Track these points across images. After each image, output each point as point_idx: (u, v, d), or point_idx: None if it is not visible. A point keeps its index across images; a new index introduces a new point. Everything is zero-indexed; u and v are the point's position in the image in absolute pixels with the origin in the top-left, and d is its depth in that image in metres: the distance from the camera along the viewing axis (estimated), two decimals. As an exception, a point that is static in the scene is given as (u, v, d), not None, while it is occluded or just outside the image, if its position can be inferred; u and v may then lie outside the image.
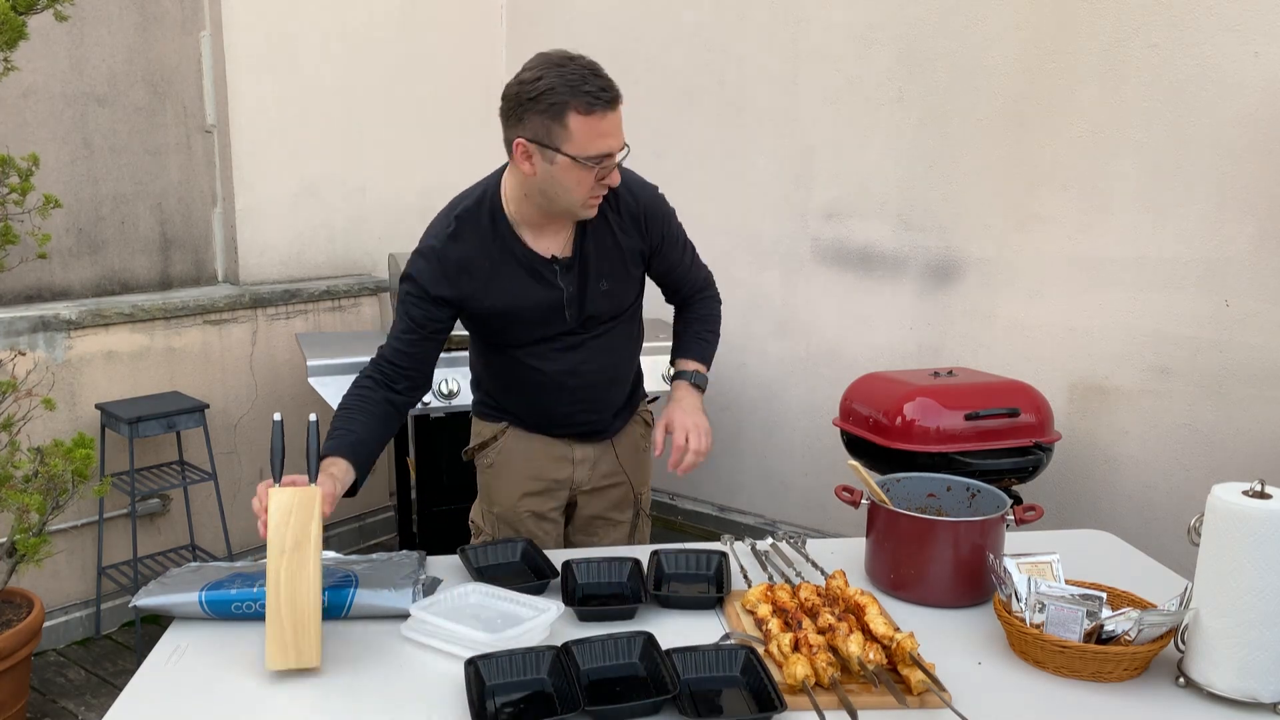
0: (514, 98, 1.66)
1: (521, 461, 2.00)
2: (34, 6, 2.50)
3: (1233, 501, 1.32)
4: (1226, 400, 2.83)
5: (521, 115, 1.66)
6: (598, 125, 1.64)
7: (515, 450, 2.00)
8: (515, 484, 2.01)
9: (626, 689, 1.34)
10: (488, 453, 2.03)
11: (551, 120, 1.63)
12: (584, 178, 1.68)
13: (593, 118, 1.63)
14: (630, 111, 4.18)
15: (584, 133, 1.63)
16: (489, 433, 2.03)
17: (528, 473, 2.00)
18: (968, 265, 3.31)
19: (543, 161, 1.67)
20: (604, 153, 1.66)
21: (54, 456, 2.60)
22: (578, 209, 1.74)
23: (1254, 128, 2.71)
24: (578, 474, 2.02)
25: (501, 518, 2.02)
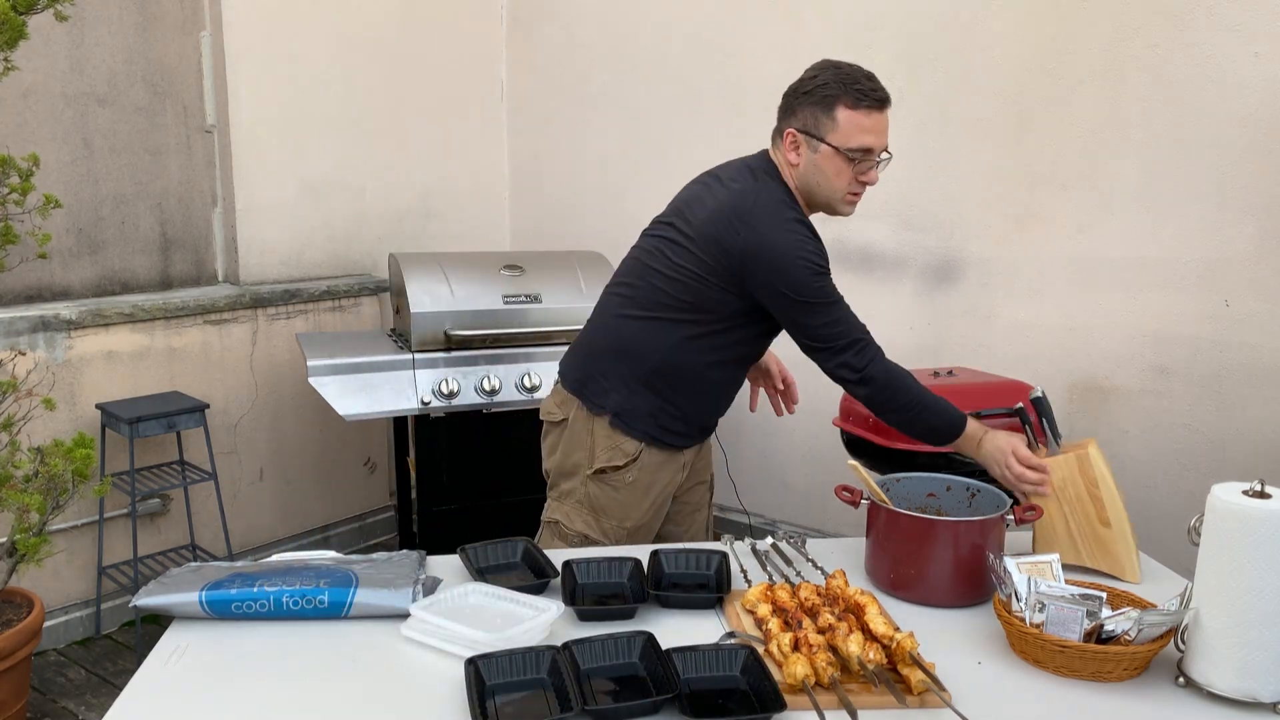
0: (792, 92, 1.88)
1: (653, 475, 2.04)
2: (34, 6, 2.50)
3: (1233, 501, 1.32)
4: (1226, 400, 2.83)
5: (795, 107, 1.86)
6: (863, 120, 1.79)
7: (652, 464, 2.04)
8: (651, 498, 2.06)
9: (626, 689, 1.34)
10: (628, 471, 2.02)
11: (821, 111, 1.81)
12: (844, 169, 1.83)
13: (859, 113, 1.79)
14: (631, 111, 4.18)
15: (849, 125, 1.79)
16: (631, 449, 2.01)
17: (660, 485, 2.06)
18: (968, 265, 3.31)
19: (808, 150, 1.84)
20: (865, 147, 1.80)
21: (54, 456, 2.60)
22: (837, 202, 1.88)
23: (1254, 128, 2.71)
24: (681, 475, 2.12)
25: (635, 532, 2.06)
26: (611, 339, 2.03)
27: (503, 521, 3.34)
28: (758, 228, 1.83)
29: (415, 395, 3.16)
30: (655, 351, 1.97)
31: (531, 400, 3.26)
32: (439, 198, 4.31)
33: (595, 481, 2.03)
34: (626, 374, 1.99)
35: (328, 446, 3.88)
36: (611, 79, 4.13)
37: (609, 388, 2.01)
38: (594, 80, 4.18)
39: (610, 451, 2.00)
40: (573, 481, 2.06)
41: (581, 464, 2.04)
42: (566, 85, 4.29)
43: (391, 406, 3.14)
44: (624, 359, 2.00)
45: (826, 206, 1.91)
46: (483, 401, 3.22)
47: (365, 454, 4.06)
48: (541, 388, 3.28)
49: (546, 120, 4.39)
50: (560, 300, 3.38)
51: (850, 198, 1.88)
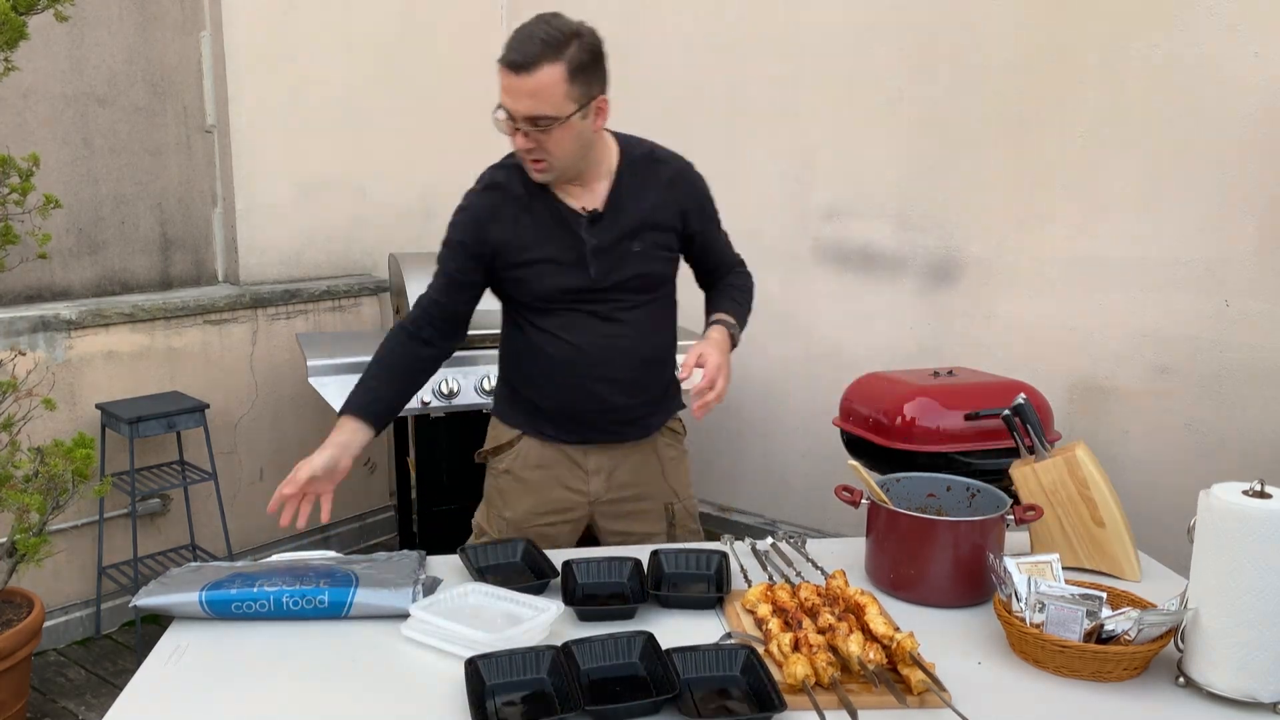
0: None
1: (537, 468, 1.97)
2: (34, 6, 2.50)
3: (1232, 501, 1.32)
4: (1226, 400, 2.83)
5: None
6: (503, 80, 1.69)
7: (532, 455, 1.97)
8: (531, 491, 1.98)
9: (626, 689, 1.34)
10: (503, 457, 2.00)
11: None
12: (507, 131, 1.74)
13: (501, 70, 1.69)
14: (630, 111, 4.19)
15: (501, 85, 1.70)
16: (506, 436, 2.00)
17: (544, 480, 1.98)
18: (968, 265, 3.31)
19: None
20: (503, 106, 1.71)
21: (54, 456, 2.60)
22: (524, 164, 1.81)
23: (1254, 128, 2.71)
24: (592, 485, 1.98)
25: (513, 524, 1.98)
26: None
27: (503, 521, 3.34)
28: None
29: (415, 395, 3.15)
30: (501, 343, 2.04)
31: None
32: (439, 198, 4.31)
33: (488, 470, 2.06)
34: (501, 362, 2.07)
35: (328, 446, 3.88)
36: (611, 79, 4.12)
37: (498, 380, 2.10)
38: (594, 80, 4.18)
39: (493, 438, 2.04)
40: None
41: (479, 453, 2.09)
42: (566, 85, 4.28)
43: (391, 406, 3.13)
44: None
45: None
46: (483, 401, 3.22)
47: (365, 454, 4.05)
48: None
49: (546, 120, 4.38)
50: (560, 300, 3.38)
51: (524, 160, 1.79)
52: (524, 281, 1.87)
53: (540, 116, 1.69)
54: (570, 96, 1.71)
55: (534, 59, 1.66)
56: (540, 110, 1.69)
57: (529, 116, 1.70)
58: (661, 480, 2.05)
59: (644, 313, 1.93)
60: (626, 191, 1.89)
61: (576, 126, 1.74)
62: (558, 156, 1.76)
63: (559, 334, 1.89)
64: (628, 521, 2.02)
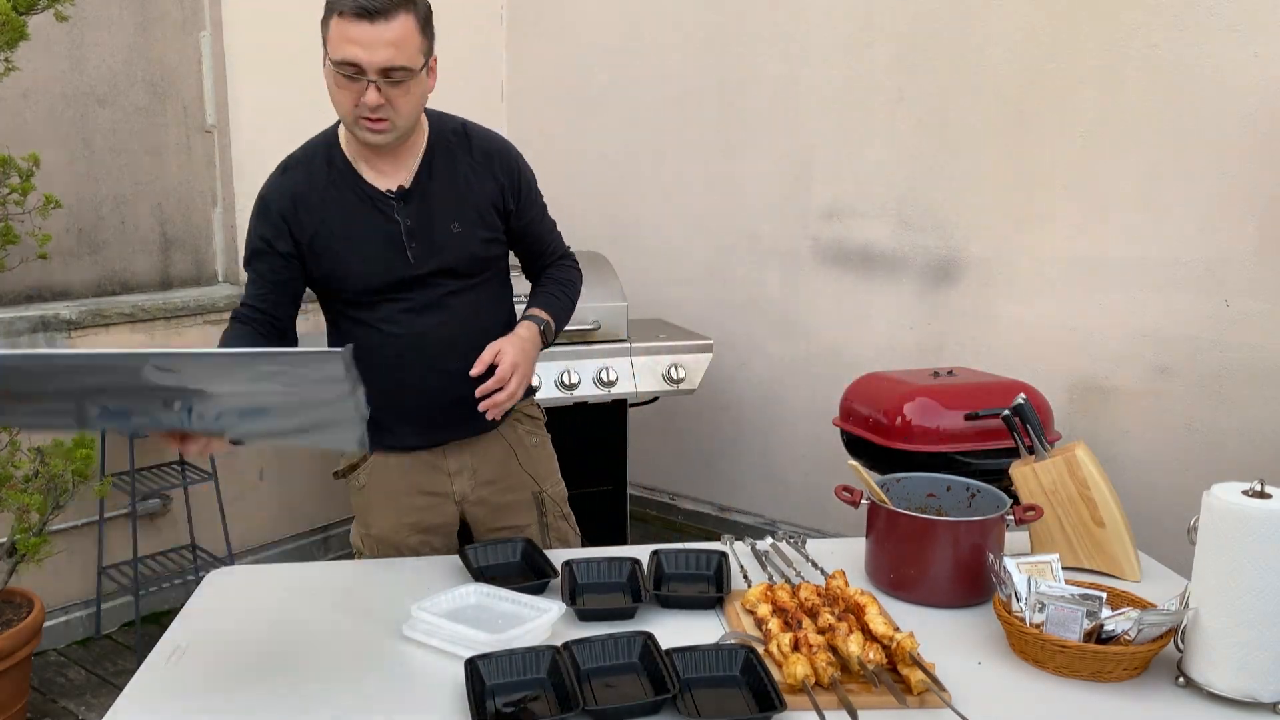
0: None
1: (396, 477, 1.89)
2: (34, 6, 2.50)
3: (1232, 501, 1.32)
4: (1226, 400, 2.83)
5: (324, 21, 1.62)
6: (349, 30, 1.56)
7: (388, 467, 1.89)
8: (392, 502, 1.89)
9: (626, 689, 1.34)
10: (358, 473, 1.92)
11: (324, 24, 1.60)
12: (342, 88, 1.61)
13: (345, 22, 1.56)
14: (631, 111, 4.18)
15: (336, 36, 1.57)
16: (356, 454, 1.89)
17: (407, 489, 1.89)
18: (968, 265, 3.31)
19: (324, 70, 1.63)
20: (349, 60, 1.57)
21: (54, 456, 2.60)
22: (351, 125, 1.67)
23: (1254, 128, 2.71)
24: (457, 486, 1.91)
25: (381, 539, 1.90)
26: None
27: (503, 521, 3.34)
28: None
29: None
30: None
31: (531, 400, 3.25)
32: (439, 198, 4.31)
33: (346, 488, 1.98)
34: None
35: (328, 446, 3.88)
36: (611, 79, 4.13)
37: None
38: (594, 80, 4.18)
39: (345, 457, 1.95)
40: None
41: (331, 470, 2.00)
42: (566, 85, 4.29)
43: (391, 406, 3.13)
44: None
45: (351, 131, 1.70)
46: (483, 401, 3.21)
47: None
48: (541, 388, 3.27)
49: (546, 120, 4.39)
50: (560, 300, 3.38)
51: (363, 122, 1.63)
52: (338, 271, 1.76)
53: (396, 68, 1.58)
54: (421, 49, 1.62)
55: (392, 6, 1.55)
56: (397, 61, 1.58)
57: (385, 68, 1.58)
58: (526, 468, 1.98)
59: (472, 295, 1.83)
60: (439, 168, 1.77)
61: (423, 83, 1.66)
62: (404, 115, 1.65)
63: (382, 327, 1.78)
64: (497, 516, 1.96)
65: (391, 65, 1.58)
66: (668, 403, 3.98)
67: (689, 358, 3.37)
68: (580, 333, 3.38)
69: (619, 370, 3.36)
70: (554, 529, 2.02)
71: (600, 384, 3.36)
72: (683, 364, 3.35)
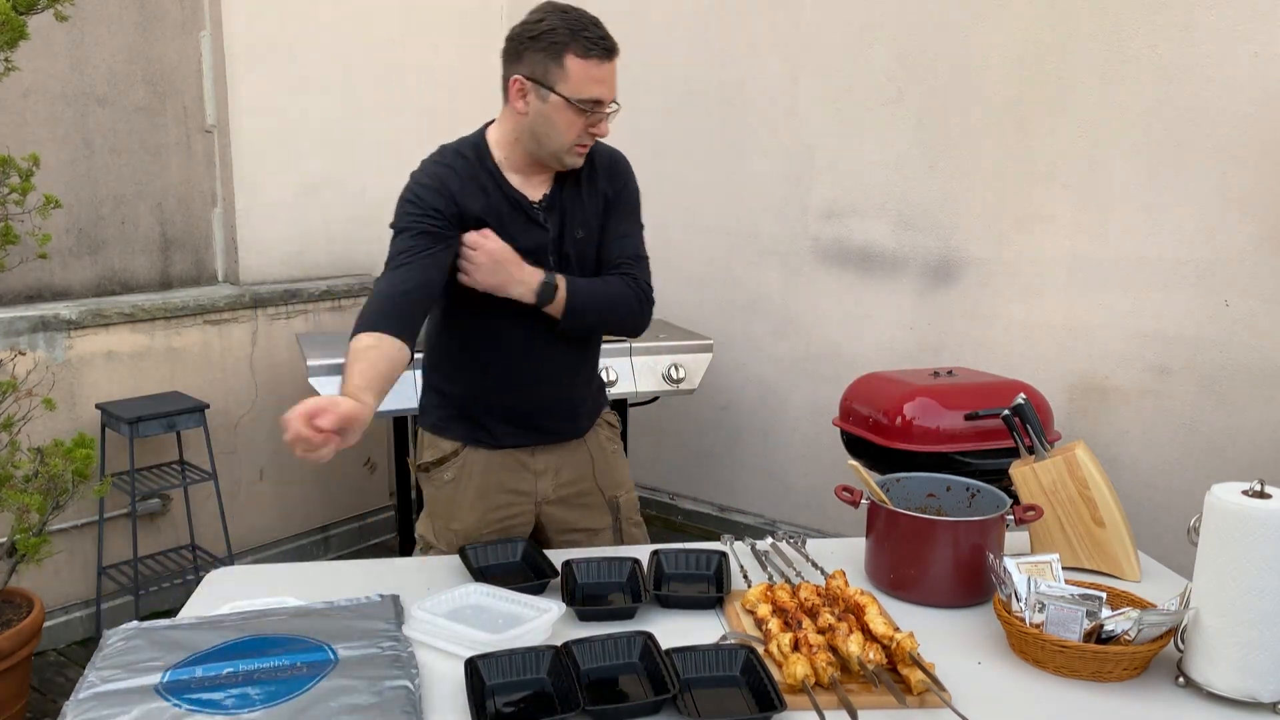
0: (516, 38, 1.73)
1: (482, 475, 1.92)
2: (34, 6, 2.50)
3: (1233, 501, 1.32)
4: (1226, 400, 2.83)
5: (521, 53, 1.72)
6: (593, 71, 1.69)
7: (475, 463, 1.92)
8: (480, 499, 1.92)
9: (626, 689, 1.34)
10: (448, 467, 1.94)
11: (550, 60, 1.69)
12: (574, 121, 1.72)
13: (589, 62, 1.68)
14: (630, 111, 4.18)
15: (579, 75, 1.69)
16: (447, 447, 1.94)
17: (490, 486, 1.93)
18: (968, 265, 3.31)
19: (536, 100, 1.72)
20: (596, 98, 1.71)
21: (54, 456, 2.60)
22: (564, 154, 1.77)
23: (1254, 128, 2.71)
24: (540, 485, 1.95)
25: (462, 535, 1.93)
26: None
27: (503, 521, 3.34)
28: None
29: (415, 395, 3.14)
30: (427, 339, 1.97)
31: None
32: (439, 198, 4.31)
33: (426, 480, 2.00)
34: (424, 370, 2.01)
35: (328, 446, 3.88)
36: (611, 79, 4.13)
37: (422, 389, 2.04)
38: (594, 80, 4.18)
39: (431, 448, 1.97)
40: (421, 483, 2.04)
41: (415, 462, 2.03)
42: (566, 85, 4.28)
43: (391, 406, 3.13)
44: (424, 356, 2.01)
45: (554, 158, 1.78)
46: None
47: (365, 454, 4.06)
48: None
49: (546, 120, 4.38)
50: (560, 300, 3.38)
51: (579, 149, 1.77)
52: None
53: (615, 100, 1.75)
54: None
55: (616, 46, 1.73)
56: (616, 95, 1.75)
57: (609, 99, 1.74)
58: (605, 474, 2.02)
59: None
60: (570, 178, 1.86)
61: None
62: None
63: (500, 326, 1.83)
64: (575, 517, 2.00)
65: (615, 99, 1.75)
66: (668, 403, 3.98)
67: (689, 358, 3.38)
68: (580, 333, 3.37)
69: (619, 370, 3.36)
70: (628, 535, 2.06)
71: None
72: (683, 364, 3.35)
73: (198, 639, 1.42)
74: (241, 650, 1.39)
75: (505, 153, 1.82)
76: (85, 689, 1.29)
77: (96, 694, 1.28)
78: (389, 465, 4.13)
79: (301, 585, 1.68)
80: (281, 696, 1.27)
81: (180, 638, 1.43)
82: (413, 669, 1.36)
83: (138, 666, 1.35)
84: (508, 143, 1.81)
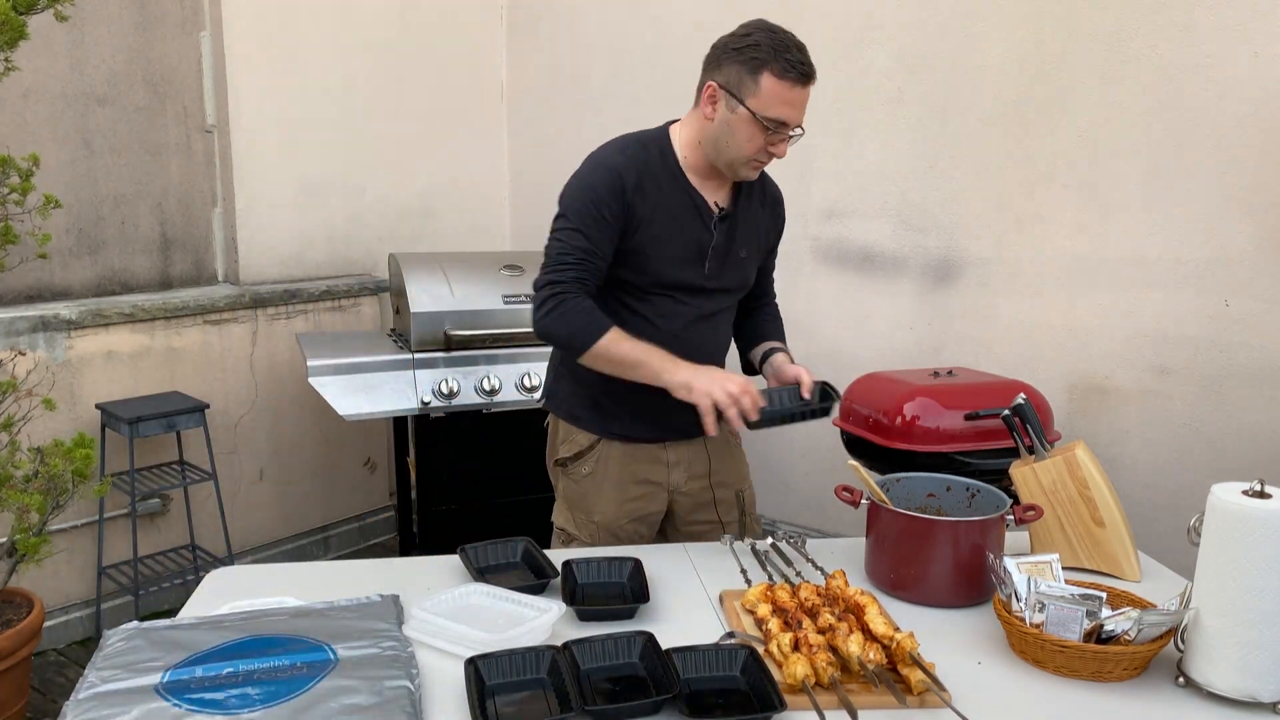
0: (721, 47, 1.80)
1: (619, 468, 1.99)
2: (34, 6, 2.50)
3: (1233, 501, 1.32)
4: (1226, 400, 2.83)
5: (721, 62, 1.78)
6: (786, 92, 1.74)
7: (612, 456, 1.99)
8: (616, 491, 1.99)
9: (626, 689, 1.34)
10: (583, 462, 2.01)
11: (747, 73, 1.74)
12: (756, 136, 1.77)
13: (784, 83, 1.73)
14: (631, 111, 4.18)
15: (772, 94, 1.74)
16: (584, 441, 2.00)
17: (627, 478, 1.99)
18: (968, 265, 3.31)
19: (725, 109, 1.78)
20: (782, 119, 1.76)
21: (54, 456, 2.60)
22: (739, 166, 1.83)
23: (1254, 128, 2.71)
24: (673, 477, 2.02)
25: (604, 526, 2.00)
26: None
27: (503, 521, 3.33)
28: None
29: (415, 395, 3.16)
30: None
31: (531, 400, 3.26)
32: (439, 198, 4.31)
33: (563, 475, 2.06)
34: (556, 356, 2.06)
35: (328, 446, 3.88)
36: (611, 79, 4.13)
37: (552, 375, 2.08)
38: (594, 80, 4.18)
39: (567, 443, 2.03)
40: (556, 479, 2.10)
41: (551, 457, 2.09)
42: (566, 85, 4.29)
43: (391, 406, 3.14)
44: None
45: (729, 168, 1.85)
46: (482, 401, 3.22)
47: (365, 454, 4.06)
48: (541, 388, 3.27)
49: (546, 120, 4.39)
50: (560, 300, 3.38)
51: (755, 164, 1.84)
52: (644, 258, 1.86)
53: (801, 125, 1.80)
54: None
55: (815, 74, 1.78)
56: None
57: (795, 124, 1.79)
58: (732, 469, 2.11)
59: (726, 314, 2.02)
60: (743, 199, 1.95)
61: None
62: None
63: (652, 321, 1.89)
64: (704, 509, 2.08)
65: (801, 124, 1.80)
66: (668, 403, 3.97)
67: (689, 358, 3.37)
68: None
69: (619, 370, 3.36)
70: (749, 529, 2.13)
71: (600, 384, 3.36)
72: (683, 364, 3.34)
73: (198, 639, 1.42)
74: (241, 650, 1.39)
75: (687, 153, 1.88)
76: (85, 689, 1.29)
77: (96, 694, 1.28)
78: (389, 465, 4.13)
79: (301, 585, 1.68)
80: (281, 696, 1.27)
81: (180, 638, 1.43)
82: (413, 669, 1.36)
83: (138, 666, 1.34)
84: (691, 144, 1.87)
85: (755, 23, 1.79)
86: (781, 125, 1.77)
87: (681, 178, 1.87)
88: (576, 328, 1.79)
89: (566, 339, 1.81)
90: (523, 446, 3.39)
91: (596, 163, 1.87)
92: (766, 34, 1.75)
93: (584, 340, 1.79)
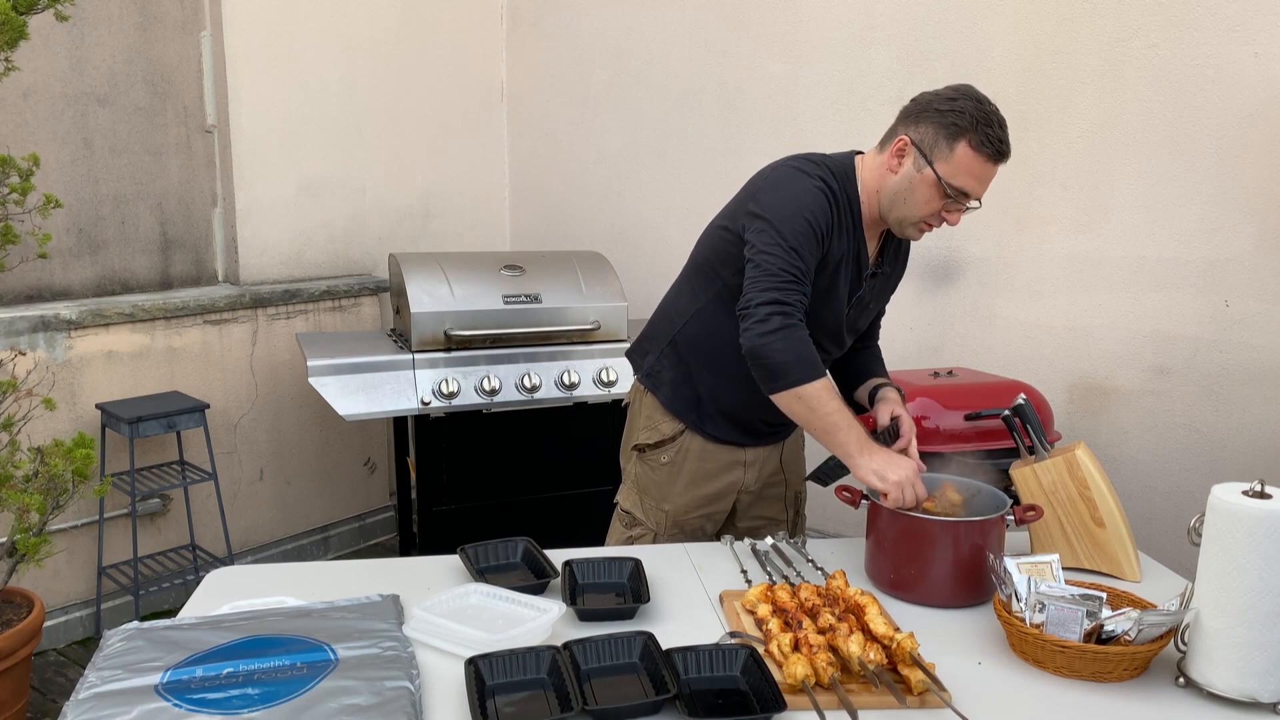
0: (925, 102, 1.78)
1: (697, 463, 2.02)
2: (34, 6, 2.50)
3: (1233, 501, 1.32)
4: (1226, 400, 2.83)
5: (921, 118, 1.76)
6: (977, 166, 1.72)
7: (692, 450, 2.01)
8: (691, 484, 2.02)
9: (626, 689, 1.34)
10: (663, 450, 2.03)
11: (944, 136, 1.73)
12: (934, 201, 1.76)
13: (978, 156, 1.72)
14: (631, 111, 4.17)
15: (963, 163, 1.72)
16: (669, 430, 2.02)
17: (704, 474, 2.02)
18: (967, 265, 3.31)
19: (911, 166, 1.77)
20: (965, 190, 1.75)
21: (54, 456, 2.60)
22: (907, 225, 1.82)
23: (1254, 128, 2.71)
24: (746, 476, 2.06)
25: (672, 516, 2.03)
26: (662, 301, 2.08)
27: (503, 521, 3.34)
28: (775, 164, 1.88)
29: (415, 395, 3.16)
30: (683, 312, 1.99)
31: (531, 400, 3.26)
32: (439, 198, 4.32)
33: (639, 459, 2.07)
34: (660, 334, 2.04)
35: (328, 446, 3.88)
36: (611, 79, 4.13)
37: (648, 349, 2.07)
38: (594, 80, 4.18)
39: (649, 431, 2.05)
40: (628, 461, 2.12)
41: (630, 440, 2.11)
42: (566, 85, 4.29)
43: (391, 406, 3.14)
44: (663, 317, 2.05)
45: (897, 225, 1.84)
46: (483, 402, 3.22)
47: (365, 454, 4.06)
48: (541, 388, 3.28)
49: (546, 120, 4.39)
50: (560, 300, 3.38)
51: (924, 227, 1.81)
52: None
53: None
54: None
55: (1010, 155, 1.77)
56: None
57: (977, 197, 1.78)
58: (794, 469, 2.17)
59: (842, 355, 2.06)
60: (889, 254, 1.97)
61: None
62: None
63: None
64: (765, 506, 2.13)
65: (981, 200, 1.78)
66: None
67: (689, 358, 3.37)
68: (580, 333, 3.38)
69: (619, 370, 3.36)
70: (800, 528, 2.20)
71: (600, 384, 3.36)
72: (683, 364, 3.34)
73: (198, 639, 1.42)
74: (241, 650, 1.39)
75: (865, 198, 1.86)
76: (85, 689, 1.29)
77: (96, 694, 1.28)
78: (389, 465, 4.13)
79: (301, 585, 1.68)
80: (281, 697, 1.27)
81: (180, 638, 1.43)
82: (413, 669, 1.36)
83: (138, 666, 1.34)
84: (869, 191, 1.85)
85: (965, 88, 1.77)
86: (963, 195, 1.75)
87: (858, 225, 1.86)
88: (800, 359, 1.70)
89: (781, 366, 1.70)
90: (523, 446, 3.39)
91: (806, 184, 1.80)
92: (974, 103, 1.74)
93: (800, 375, 1.70)
